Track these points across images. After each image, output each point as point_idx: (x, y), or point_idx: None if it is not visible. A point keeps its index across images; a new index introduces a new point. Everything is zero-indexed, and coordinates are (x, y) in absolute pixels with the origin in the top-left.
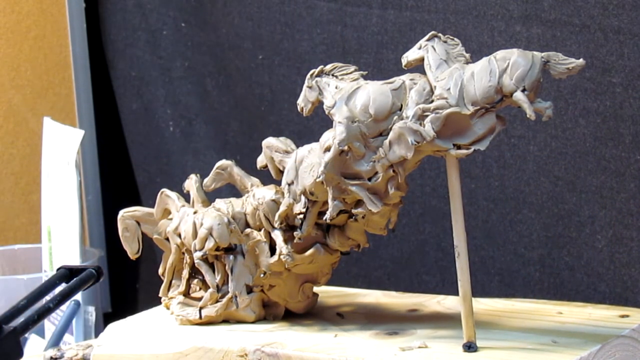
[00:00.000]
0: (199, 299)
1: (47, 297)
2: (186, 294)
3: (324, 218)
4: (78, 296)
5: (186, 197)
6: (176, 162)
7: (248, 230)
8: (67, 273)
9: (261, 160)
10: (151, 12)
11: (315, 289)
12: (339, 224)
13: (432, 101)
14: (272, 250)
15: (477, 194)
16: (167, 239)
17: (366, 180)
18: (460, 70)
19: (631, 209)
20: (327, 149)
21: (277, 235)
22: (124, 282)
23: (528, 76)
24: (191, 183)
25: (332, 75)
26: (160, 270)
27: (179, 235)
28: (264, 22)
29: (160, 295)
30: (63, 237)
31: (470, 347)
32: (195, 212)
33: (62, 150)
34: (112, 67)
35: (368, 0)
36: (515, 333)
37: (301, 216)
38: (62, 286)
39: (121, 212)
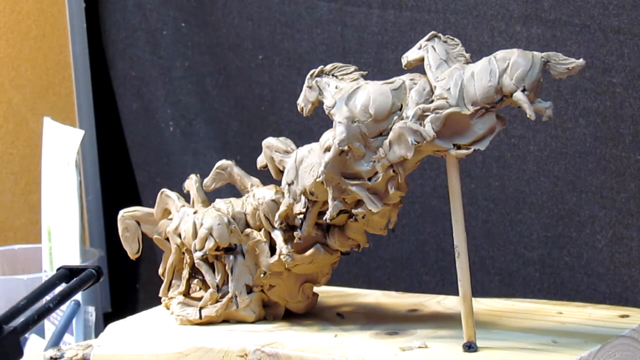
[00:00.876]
0: (199, 299)
1: (47, 297)
2: (186, 294)
3: (324, 218)
4: (78, 296)
5: (186, 197)
6: (176, 162)
7: (248, 230)
8: (67, 273)
9: (261, 160)
10: (151, 12)
11: (315, 289)
12: (339, 224)
13: (432, 101)
14: (272, 250)
15: (477, 194)
16: (167, 239)
17: (366, 180)
18: (460, 70)
19: (631, 209)
20: (327, 149)
21: (277, 235)
22: (124, 282)
23: (528, 76)
24: (191, 183)
25: (332, 75)
26: (160, 270)
27: (179, 235)
28: (264, 22)
29: (160, 295)
30: (63, 237)
31: (470, 347)
32: (195, 212)
33: (62, 150)
34: (112, 67)
35: (368, 0)
36: (515, 333)
37: (301, 216)
38: (62, 286)
39: (121, 212)
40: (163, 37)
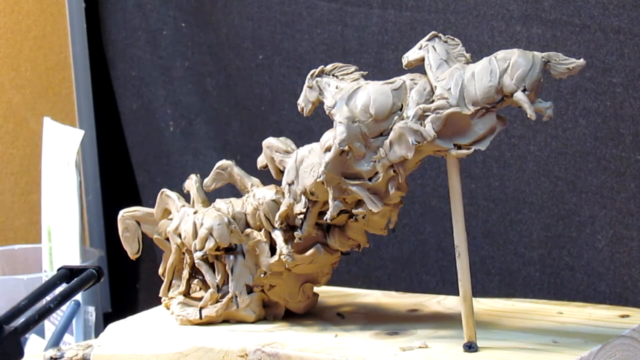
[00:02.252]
0: (199, 299)
1: (48, 298)
2: (186, 294)
3: (325, 218)
4: (78, 296)
5: (186, 197)
6: (176, 162)
7: (248, 230)
8: (68, 273)
9: (261, 160)
10: (151, 12)
11: (315, 289)
12: (339, 224)
13: (433, 101)
14: (272, 250)
15: (477, 194)
16: (167, 239)
17: (366, 180)
18: (460, 70)
19: (631, 209)
20: (328, 149)
21: (278, 235)
22: (124, 282)
23: (528, 76)
24: (191, 183)
25: (333, 75)
26: (160, 270)
27: (179, 235)
28: (264, 22)
29: (160, 295)
30: (63, 237)
31: (470, 347)
32: (195, 212)
33: (62, 150)
34: (112, 67)
35: (368, 0)
36: (516, 333)
37: (301, 216)
38: (62, 286)
39: (121, 212)
40: (163, 37)
